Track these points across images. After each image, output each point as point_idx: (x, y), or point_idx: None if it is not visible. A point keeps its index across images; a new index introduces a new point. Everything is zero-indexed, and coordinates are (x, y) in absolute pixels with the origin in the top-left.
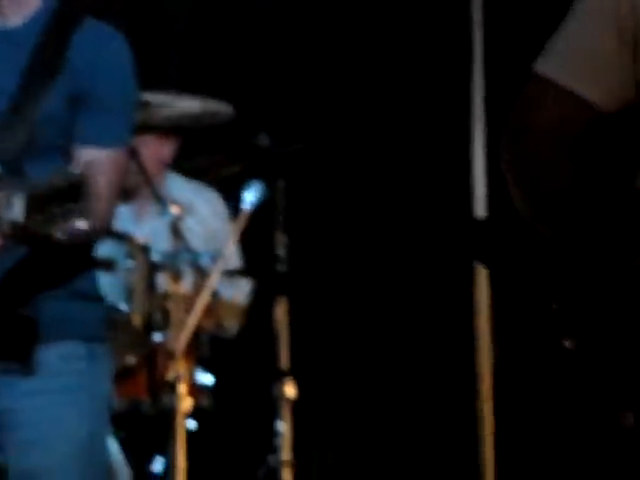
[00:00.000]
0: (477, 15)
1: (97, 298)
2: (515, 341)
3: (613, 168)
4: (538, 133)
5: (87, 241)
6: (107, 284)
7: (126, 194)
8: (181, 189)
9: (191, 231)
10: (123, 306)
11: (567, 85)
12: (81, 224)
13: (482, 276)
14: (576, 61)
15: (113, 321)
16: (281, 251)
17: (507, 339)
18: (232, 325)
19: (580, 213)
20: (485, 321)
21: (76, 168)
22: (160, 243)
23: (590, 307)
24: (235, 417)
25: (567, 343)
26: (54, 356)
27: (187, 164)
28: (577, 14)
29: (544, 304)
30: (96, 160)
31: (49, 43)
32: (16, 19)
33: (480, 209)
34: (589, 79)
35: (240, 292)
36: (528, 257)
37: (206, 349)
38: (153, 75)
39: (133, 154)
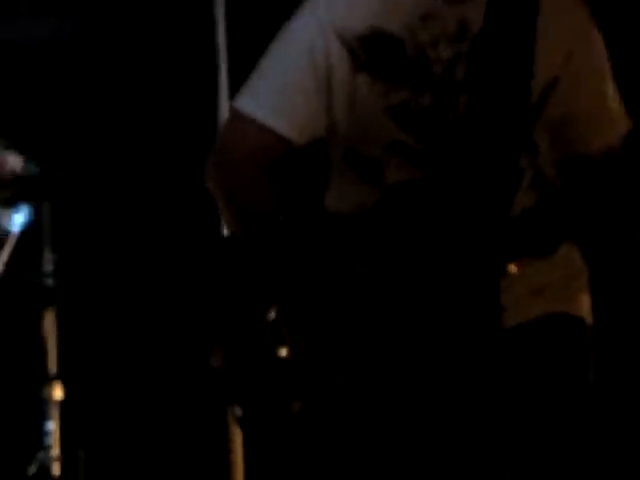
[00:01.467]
0: (221, 38)
1: None
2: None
3: (308, 189)
4: (239, 162)
5: None
6: None
7: None
8: None
9: None
10: None
11: (264, 121)
12: None
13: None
14: (272, 100)
15: None
16: (49, 267)
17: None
18: None
19: (280, 229)
20: None
21: None
22: None
23: (306, 315)
24: (5, 419)
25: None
26: None
27: None
28: (283, 50)
29: (259, 315)
30: None
31: None
32: None
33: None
34: (288, 118)
35: None
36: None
37: None
38: None
39: None
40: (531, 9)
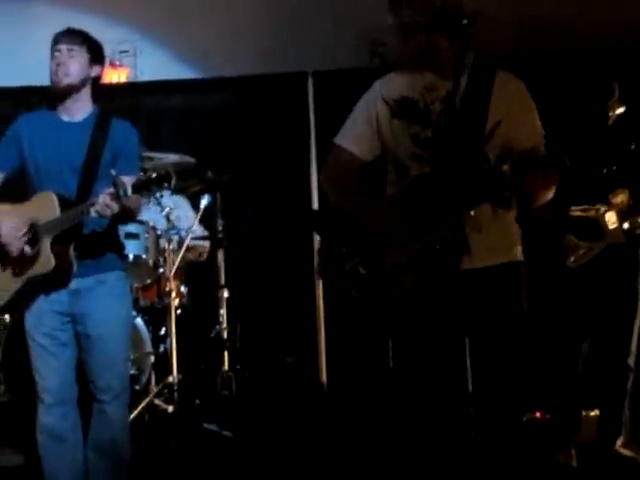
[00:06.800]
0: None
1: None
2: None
3: (376, 185)
4: (337, 170)
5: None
6: (134, 245)
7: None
8: None
9: None
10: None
11: (348, 147)
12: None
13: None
14: (351, 134)
15: (138, 264)
16: (220, 227)
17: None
18: None
19: (361, 205)
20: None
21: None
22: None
23: (366, 249)
24: None
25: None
26: (112, 277)
27: None
28: (356, 109)
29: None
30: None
31: (100, 131)
32: (79, 116)
33: (315, 204)
34: (357, 144)
35: None
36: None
37: None
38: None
39: None
40: (488, 85)
